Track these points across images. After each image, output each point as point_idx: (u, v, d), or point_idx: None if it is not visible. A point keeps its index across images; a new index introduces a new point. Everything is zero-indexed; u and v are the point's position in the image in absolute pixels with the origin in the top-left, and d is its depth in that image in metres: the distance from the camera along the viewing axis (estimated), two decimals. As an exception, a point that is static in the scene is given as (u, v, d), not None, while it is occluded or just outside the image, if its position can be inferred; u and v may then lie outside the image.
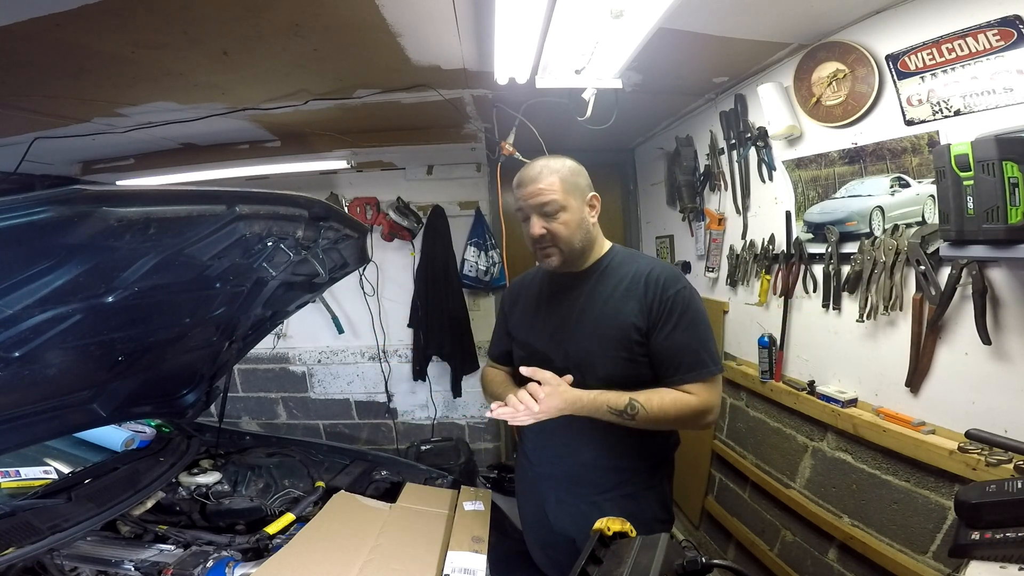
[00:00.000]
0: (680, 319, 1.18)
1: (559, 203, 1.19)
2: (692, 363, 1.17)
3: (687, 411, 1.16)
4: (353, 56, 1.73)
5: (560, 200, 1.19)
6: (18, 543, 1.11)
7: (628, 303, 1.20)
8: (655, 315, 1.18)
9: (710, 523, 2.50)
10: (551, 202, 1.19)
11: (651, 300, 1.19)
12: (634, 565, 0.81)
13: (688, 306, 1.19)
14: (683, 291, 1.20)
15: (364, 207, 2.88)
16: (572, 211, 1.21)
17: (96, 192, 0.78)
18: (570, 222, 1.21)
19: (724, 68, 1.98)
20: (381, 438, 3.18)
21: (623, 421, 1.14)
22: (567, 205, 1.20)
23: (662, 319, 1.18)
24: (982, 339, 1.21)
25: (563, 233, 1.20)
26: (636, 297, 1.20)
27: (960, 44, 1.21)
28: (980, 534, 0.79)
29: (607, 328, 1.21)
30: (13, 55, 1.45)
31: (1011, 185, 1.05)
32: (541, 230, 1.20)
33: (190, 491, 1.60)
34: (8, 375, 1.04)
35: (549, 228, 1.20)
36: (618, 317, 1.20)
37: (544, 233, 1.20)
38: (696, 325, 1.19)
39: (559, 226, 1.20)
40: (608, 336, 1.21)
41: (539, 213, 1.20)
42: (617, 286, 1.23)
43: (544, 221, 1.20)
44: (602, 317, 1.22)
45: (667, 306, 1.18)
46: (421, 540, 1.33)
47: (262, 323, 1.72)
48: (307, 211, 1.17)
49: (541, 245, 1.23)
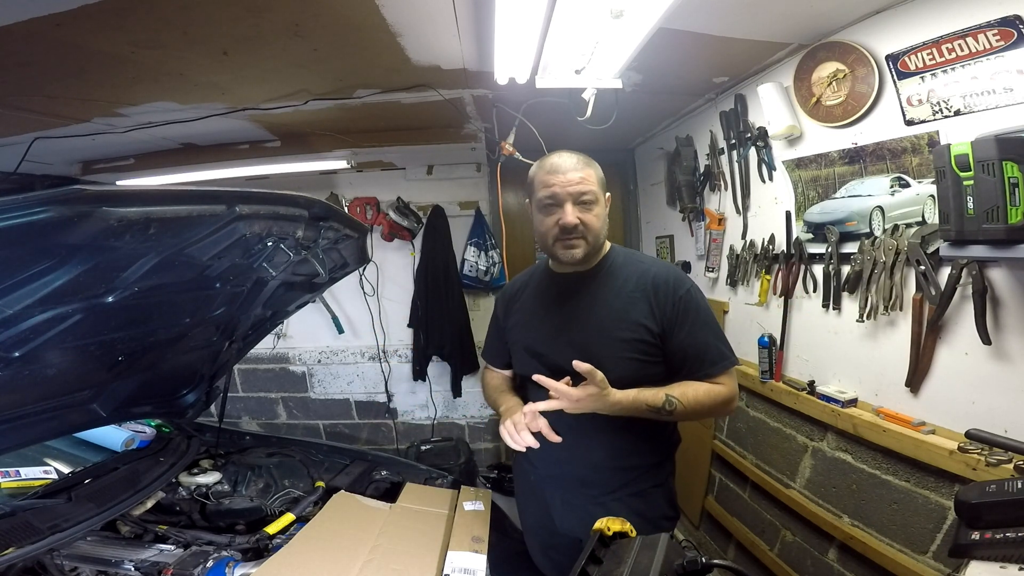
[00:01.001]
0: (696, 318, 1.20)
1: (596, 194, 1.20)
2: (715, 357, 1.21)
3: (719, 400, 1.20)
4: (353, 56, 1.73)
5: (596, 192, 1.20)
6: (18, 543, 1.11)
7: (637, 304, 1.21)
8: (669, 317, 1.20)
9: (710, 523, 2.50)
10: (590, 192, 1.18)
11: (663, 302, 1.20)
12: (634, 565, 0.81)
13: (699, 304, 1.22)
14: (692, 290, 1.23)
15: (364, 207, 2.88)
16: (601, 206, 1.23)
17: (96, 192, 0.78)
18: (600, 215, 1.22)
19: (724, 68, 1.98)
20: (381, 438, 3.18)
21: (660, 417, 1.16)
22: (599, 199, 1.22)
23: (678, 320, 1.20)
24: (982, 339, 1.21)
25: (595, 225, 1.21)
26: (645, 299, 1.21)
27: (960, 44, 1.21)
28: (980, 534, 0.79)
29: (616, 329, 1.21)
30: (13, 55, 1.45)
31: (1011, 185, 1.05)
32: (575, 219, 1.18)
33: (190, 491, 1.60)
34: (8, 375, 1.04)
35: (583, 218, 1.19)
36: (627, 318, 1.20)
37: (577, 223, 1.18)
38: (709, 321, 1.23)
39: (593, 218, 1.20)
40: (617, 337, 1.20)
41: (576, 202, 1.18)
42: (623, 287, 1.23)
43: (579, 210, 1.19)
44: (610, 318, 1.22)
45: (680, 307, 1.20)
46: (421, 540, 1.33)
47: (262, 323, 1.72)
48: (307, 211, 1.16)
49: (569, 235, 1.20)
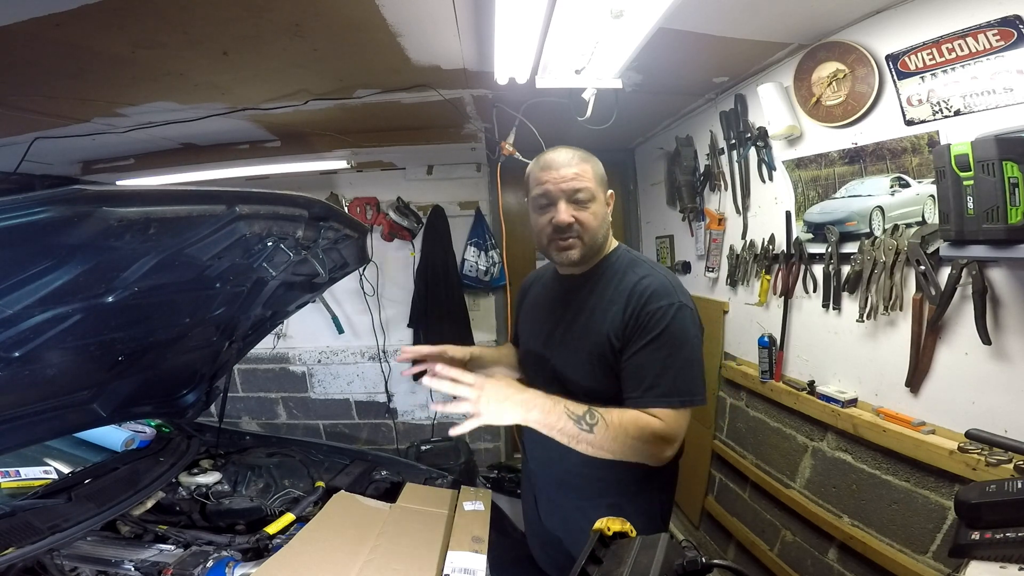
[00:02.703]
0: (656, 337, 1.05)
1: (592, 191, 1.12)
2: (655, 382, 1.04)
3: (648, 434, 1.02)
4: (353, 56, 1.73)
5: (593, 189, 1.13)
6: (18, 543, 1.11)
7: (609, 314, 1.12)
8: (630, 330, 1.08)
9: (710, 523, 2.50)
10: (585, 189, 1.11)
11: (630, 314, 1.09)
12: (634, 565, 0.81)
13: (669, 324, 1.06)
14: (668, 308, 1.07)
15: (364, 207, 2.88)
16: (599, 203, 1.15)
17: (96, 192, 0.78)
18: (598, 214, 1.14)
19: (724, 68, 1.98)
20: (381, 438, 3.18)
21: (580, 430, 1.01)
22: (596, 196, 1.14)
23: (636, 334, 1.07)
24: (982, 339, 1.20)
25: (591, 224, 1.13)
26: (620, 309, 1.11)
27: (960, 44, 1.21)
28: (980, 534, 0.79)
29: (585, 340, 1.15)
30: (13, 55, 1.45)
31: (1011, 185, 1.05)
32: (569, 217, 1.11)
33: (190, 491, 1.60)
34: (8, 375, 1.04)
35: (578, 216, 1.12)
36: (597, 329, 1.13)
37: (571, 221, 1.11)
38: (670, 345, 1.05)
39: (589, 216, 1.12)
40: (585, 348, 1.15)
41: (569, 199, 1.11)
42: (606, 295, 1.15)
43: (573, 208, 1.12)
44: (583, 328, 1.16)
45: (644, 321, 1.07)
46: (421, 540, 1.33)
47: (262, 323, 1.72)
48: (307, 211, 1.16)
49: (563, 235, 1.13)
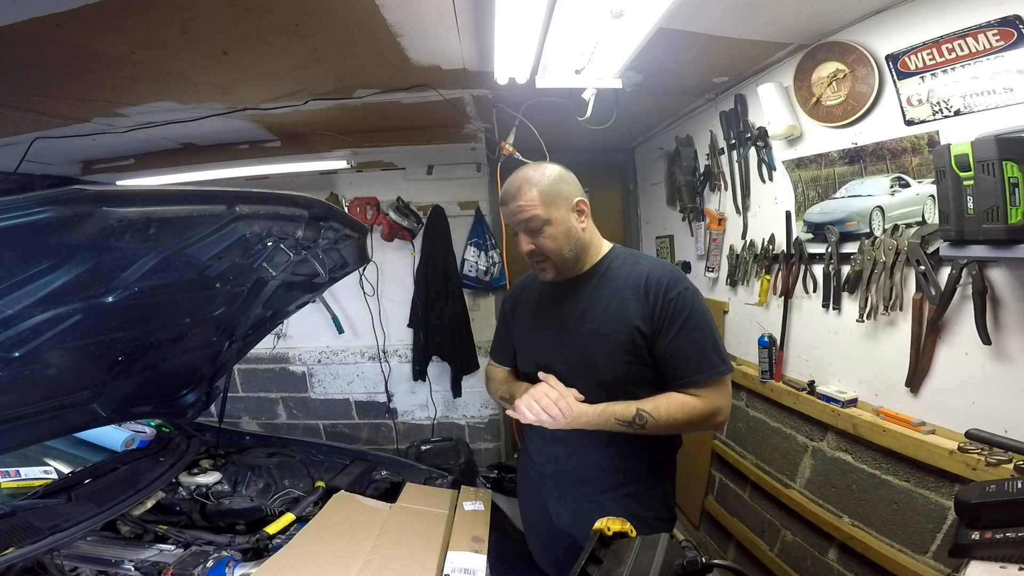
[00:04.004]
0: (685, 322, 1.16)
1: (541, 218, 1.17)
2: (698, 365, 1.16)
3: (695, 415, 1.16)
4: (353, 56, 1.73)
5: (542, 215, 1.17)
6: (18, 543, 1.11)
7: (629, 305, 1.19)
8: (658, 319, 1.17)
9: (710, 523, 2.50)
10: (532, 218, 1.17)
11: (653, 303, 1.17)
12: (634, 565, 0.81)
13: (692, 307, 1.18)
14: (685, 293, 1.18)
15: (364, 207, 2.87)
16: (557, 223, 1.19)
17: (96, 192, 0.78)
18: (556, 235, 1.19)
19: (724, 68, 1.98)
20: (381, 438, 3.18)
21: (633, 431, 1.15)
22: (550, 218, 1.18)
23: (666, 322, 1.17)
24: (982, 339, 1.21)
25: (550, 247, 1.20)
26: (638, 300, 1.19)
27: (960, 44, 1.21)
28: (980, 534, 0.79)
29: (610, 331, 1.20)
30: (13, 55, 1.45)
31: (1011, 185, 1.05)
32: (530, 246, 1.21)
33: (190, 491, 1.60)
34: (8, 375, 1.04)
35: (536, 244, 1.20)
36: (620, 320, 1.19)
37: (533, 248, 1.21)
38: (700, 326, 1.18)
39: (545, 240, 1.19)
40: (611, 339, 1.20)
41: (524, 230, 1.20)
42: (619, 288, 1.22)
43: (531, 237, 1.20)
44: (604, 320, 1.21)
45: (670, 309, 1.16)
46: (421, 540, 1.33)
47: (262, 323, 1.72)
48: (307, 211, 1.16)
49: (533, 260, 1.24)
